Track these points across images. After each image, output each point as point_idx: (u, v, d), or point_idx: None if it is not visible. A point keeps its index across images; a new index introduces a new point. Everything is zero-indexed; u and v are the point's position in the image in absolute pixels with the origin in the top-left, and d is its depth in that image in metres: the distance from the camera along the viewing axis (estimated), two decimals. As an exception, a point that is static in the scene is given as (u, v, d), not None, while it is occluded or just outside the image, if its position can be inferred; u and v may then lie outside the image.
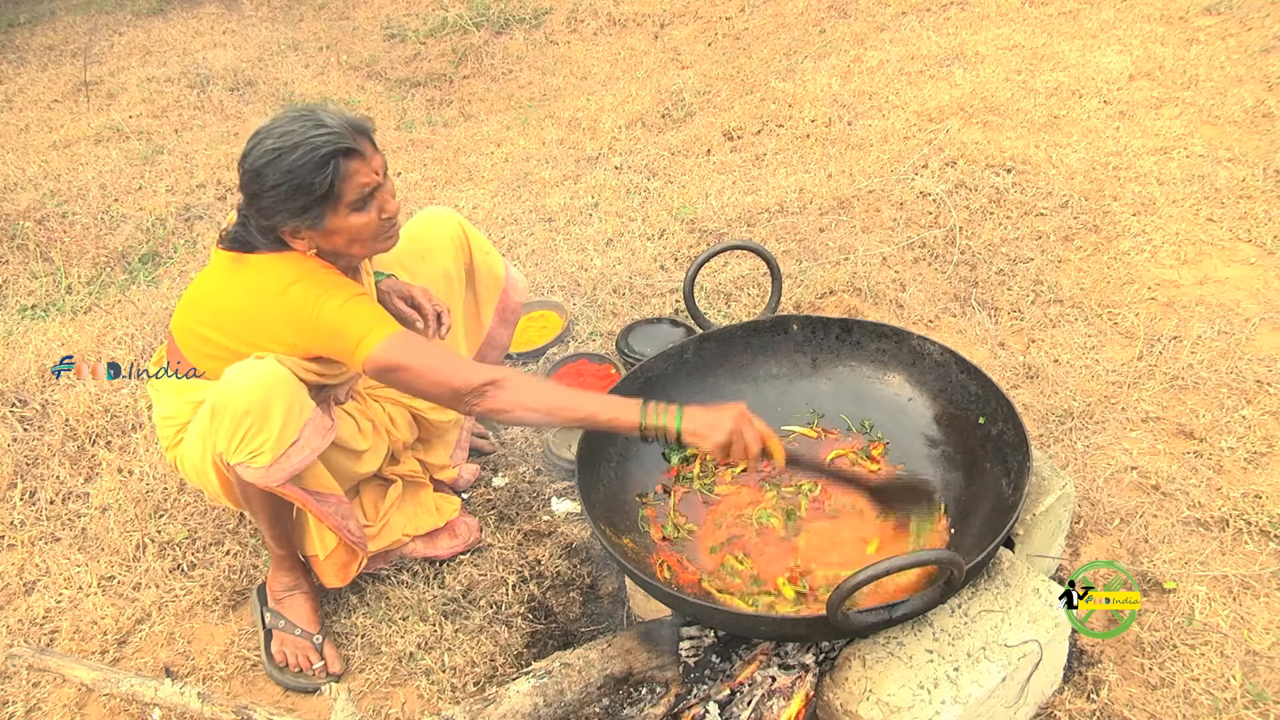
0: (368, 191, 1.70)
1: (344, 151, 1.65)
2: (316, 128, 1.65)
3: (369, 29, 5.79)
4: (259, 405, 1.66)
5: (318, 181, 1.64)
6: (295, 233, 1.71)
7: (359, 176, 1.68)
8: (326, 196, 1.66)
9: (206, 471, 1.83)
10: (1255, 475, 2.19)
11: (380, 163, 1.74)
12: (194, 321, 1.82)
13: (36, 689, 2.00)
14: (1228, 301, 2.71)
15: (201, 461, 1.82)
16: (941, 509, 1.80)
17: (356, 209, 1.70)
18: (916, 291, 2.89)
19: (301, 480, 1.82)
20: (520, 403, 1.66)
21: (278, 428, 1.69)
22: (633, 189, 3.64)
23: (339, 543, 1.99)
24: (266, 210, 1.68)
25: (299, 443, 1.73)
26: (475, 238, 2.25)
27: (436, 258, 2.15)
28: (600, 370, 2.66)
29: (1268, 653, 1.82)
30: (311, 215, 1.68)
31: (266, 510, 1.88)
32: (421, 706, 1.91)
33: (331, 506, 1.90)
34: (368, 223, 1.72)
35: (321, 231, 1.71)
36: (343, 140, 1.66)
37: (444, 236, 2.17)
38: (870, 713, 1.51)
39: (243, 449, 1.70)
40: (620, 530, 1.81)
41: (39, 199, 3.91)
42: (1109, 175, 3.31)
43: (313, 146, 1.63)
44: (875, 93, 4.07)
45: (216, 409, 1.68)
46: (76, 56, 5.67)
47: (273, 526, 1.93)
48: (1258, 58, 3.96)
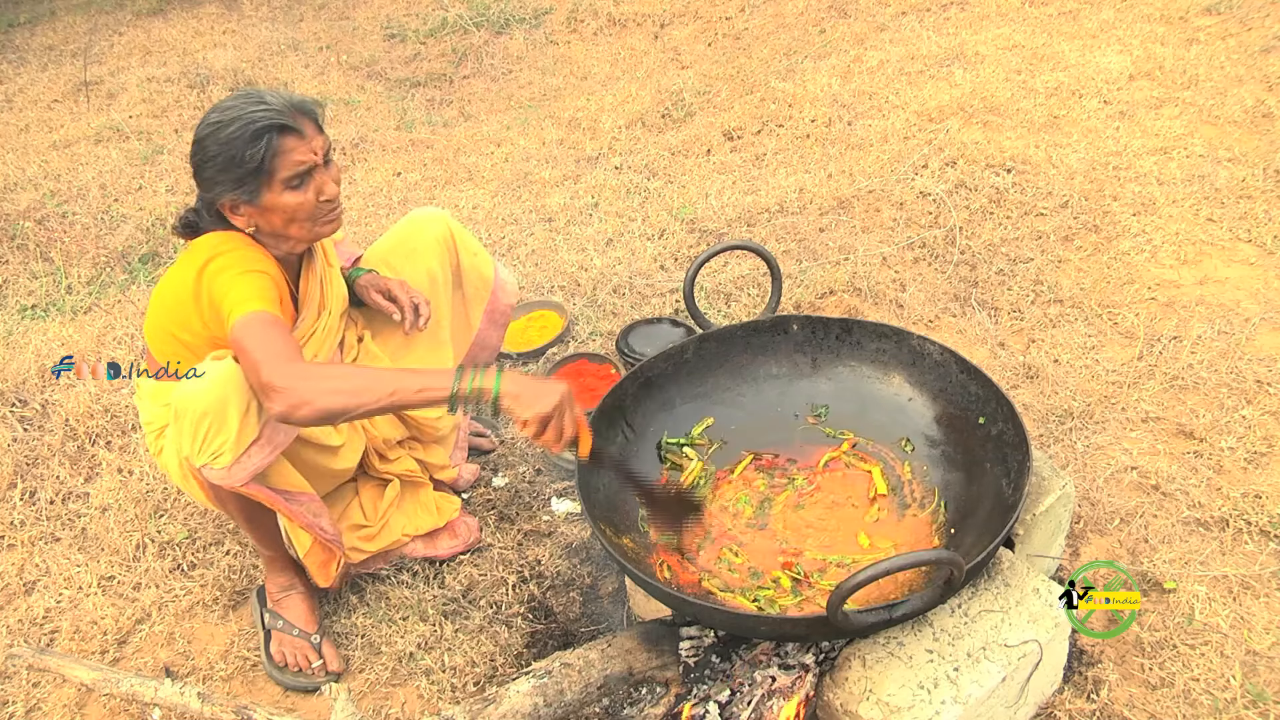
0: (303, 170, 1.72)
1: (279, 128, 1.69)
2: (257, 104, 1.69)
3: (369, 29, 5.79)
4: (216, 405, 1.65)
5: (250, 155, 1.67)
6: (234, 207, 1.74)
7: (294, 154, 1.70)
8: (259, 171, 1.69)
9: (187, 478, 1.82)
10: (1255, 475, 2.19)
11: (322, 144, 1.76)
12: (155, 317, 1.84)
13: (37, 689, 2.00)
14: (1228, 301, 2.71)
15: (179, 465, 1.81)
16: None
17: (292, 186, 1.72)
18: (916, 291, 2.89)
19: (268, 479, 1.79)
20: (310, 400, 1.56)
21: (236, 426, 1.67)
22: (633, 189, 3.64)
23: (314, 542, 1.96)
24: (207, 182, 1.72)
25: (260, 440, 1.71)
26: (463, 239, 2.22)
27: (422, 258, 2.14)
28: (600, 370, 2.66)
29: (1268, 653, 1.82)
30: (247, 189, 1.70)
31: (242, 513, 1.87)
32: (421, 706, 1.91)
33: (301, 505, 1.87)
34: (303, 202, 1.74)
35: (258, 207, 1.73)
36: (280, 117, 1.69)
37: (431, 238, 2.15)
38: (870, 713, 1.51)
39: (205, 451, 1.68)
40: (620, 530, 1.81)
41: (39, 199, 3.91)
42: (1109, 175, 3.31)
43: (249, 121, 1.67)
44: (875, 93, 4.07)
45: (178, 412, 1.67)
46: (76, 56, 5.67)
47: (253, 529, 1.92)
48: (1258, 58, 3.96)
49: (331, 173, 1.78)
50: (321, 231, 1.81)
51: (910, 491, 1.86)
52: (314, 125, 1.75)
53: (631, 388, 1.99)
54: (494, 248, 3.36)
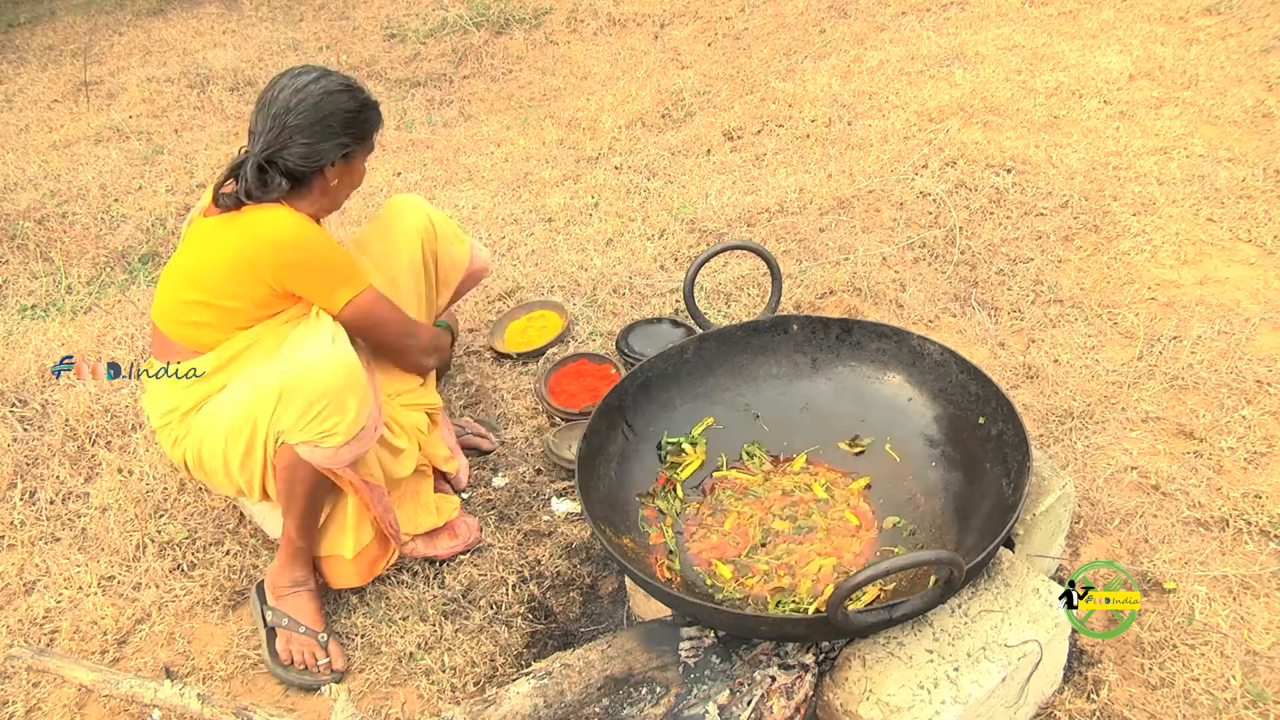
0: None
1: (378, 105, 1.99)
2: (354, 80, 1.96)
3: (369, 29, 5.79)
4: (338, 389, 1.75)
5: (377, 120, 1.97)
6: (334, 164, 1.91)
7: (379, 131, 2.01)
8: (369, 134, 1.96)
9: (252, 453, 1.86)
10: (1255, 475, 2.19)
11: None
12: (175, 293, 1.93)
13: (36, 689, 2.00)
14: (1228, 301, 2.71)
15: (230, 446, 1.86)
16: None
17: (364, 159, 2.00)
18: (916, 291, 2.89)
19: (357, 468, 1.89)
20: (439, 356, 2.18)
21: (352, 412, 1.78)
22: (633, 189, 3.64)
23: (373, 538, 2.03)
24: (329, 132, 1.87)
25: (367, 429, 1.83)
26: (442, 227, 2.31)
27: (402, 249, 2.21)
28: (600, 370, 2.66)
29: (1268, 653, 1.82)
30: (353, 150, 1.93)
31: (307, 499, 1.90)
32: (421, 706, 1.91)
33: (378, 497, 1.96)
34: (361, 176, 2.02)
35: (349, 167, 1.96)
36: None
37: (410, 226, 2.23)
38: (870, 713, 1.51)
39: (313, 429, 1.76)
40: (620, 530, 1.81)
41: (39, 199, 3.91)
42: (1109, 175, 3.31)
43: (367, 92, 1.96)
44: (875, 93, 4.07)
45: (288, 389, 1.75)
46: (76, 56, 5.67)
47: (307, 516, 1.95)
48: (1258, 58, 3.96)
49: None
50: (339, 206, 2.04)
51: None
52: None
53: (631, 388, 1.99)
54: (494, 248, 3.36)
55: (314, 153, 1.87)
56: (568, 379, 2.64)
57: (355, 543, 2.01)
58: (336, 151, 1.89)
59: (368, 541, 2.03)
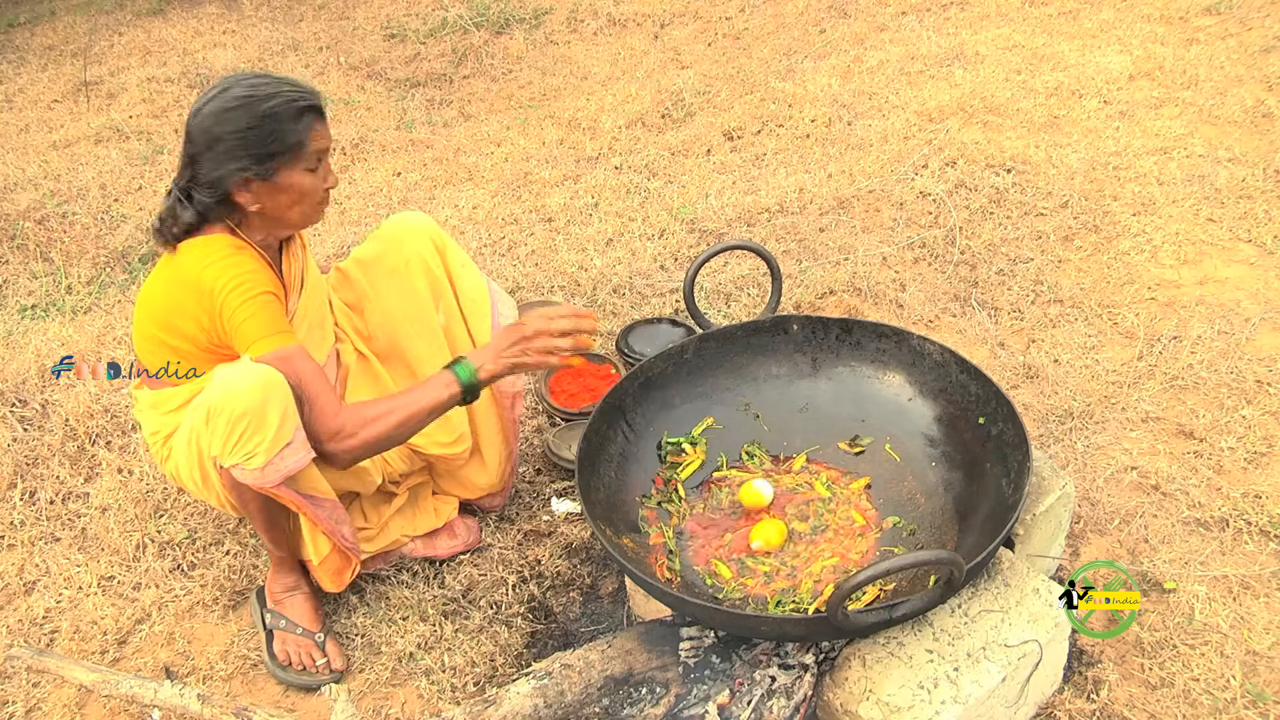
0: (323, 152, 1.79)
1: (315, 109, 1.75)
2: (289, 84, 1.74)
3: (369, 29, 5.78)
4: (256, 406, 1.65)
5: (290, 130, 1.71)
6: (246, 185, 1.74)
7: (322, 137, 1.77)
8: (292, 148, 1.73)
9: (208, 476, 1.82)
10: (1255, 475, 2.19)
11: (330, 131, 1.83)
12: (141, 325, 1.87)
13: (36, 689, 2.00)
14: (1228, 301, 2.71)
15: (193, 469, 1.82)
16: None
17: (309, 169, 1.77)
18: (916, 291, 2.89)
19: (296, 483, 1.79)
20: (363, 439, 1.72)
21: (273, 429, 1.67)
22: (633, 189, 3.64)
23: (332, 548, 1.96)
24: (224, 156, 1.71)
25: (292, 444, 1.71)
26: (452, 253, 2.12)
27: (406, 277, 2.06)
28: (600, 370, 2.66)
29: (1268, 653, 1.82)
30: (269, 166, 1.72)
31: (263, 514, 1.87)
32: (421, 706, 1.91)
33: (326, 511, 1.87)
34: (314, 186, 1.79)
35: (272, 184, 1.74)
36: (314, 99, 1.76)
37: (412, 252, 2.06)
38: (870, 713, 1.51)
39: (238, 451, 1.68)
40: (620, 530, 1.81)
41: (39, 199, 3.91)
42: (1109, 175, 3.31)
43: (290, 98, 1.72)
44: (875, 93, 4.07)
45: (212, 411, 1.67)
46: (76, 56, 5.66)
47: (269, 530, 1.92)
48: (1258, 58, 3.96)
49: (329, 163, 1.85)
50: (313, 219, 1.85)
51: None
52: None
53: (631, 388, 1.99)
54: (494, 247, 3.36)
55: (213, 180, 1.72)
56: (568, 379, 2.64)
57: (316, 552, 1.95)
58: (236, 175, 1.71)
59: (327, 551, 1.95)
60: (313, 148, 1.75)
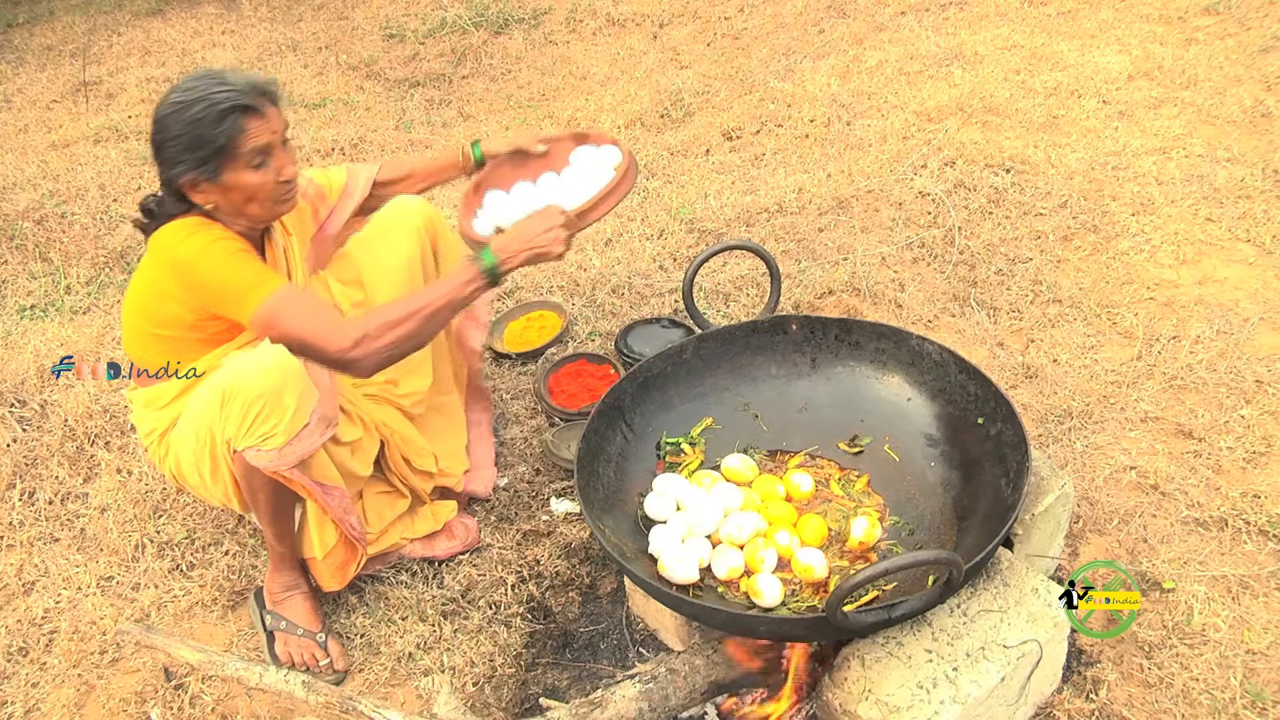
0: (265, 149, 1.77)
1: (242, 108, 1.73)
2: (219, 85, 1.74)
3: (368, 29, 5.78)
4: (273, 389, 1.69)
5: (215, 134, 1.72)
6: (195, 185, 1.77)
7: (256, 134, 1.75)
8: (224, 150, 1.73)
9: (218, 464, 1.83)
10: (1254, 475, 2.19)
11: (280, 124, 1.81)
12: (133, 322, 1.89)
13: (35, 689, 2.00)
14: (1227, 301, 2.72)
15: (200, 459, 1.83)
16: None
17: (253, 166, 1.76)
18: (915, 291, 2.89)
19: (309, 470, 1.83)
20: (389, 340, 1.75)
21: (290, 410, 1.71)
22: (632, 189, 3.63)
23: (338, 541, 1.98)
24: (169, 160, 1.75)
25: (310, 426, 1.75)
26: (444, 229, 2.27)
27: (397, 244, 2.17)
28: (600, 370, 2.66)
29: (1267, 652, 1.82)
30: (210, 168, 1.74)
31: (270, 504, 1.88)
32: (421, 706, 1.91)
33: (335, 499, 1.90)
34: (264, 182, 1.78)
35: (219, 185, 1.77)
36: (242, 97, 1.73)
37: (409, 225, 2.19)
38: (869, 713, 1.51)
39: (254, 433, 1.71)
40: (620, 530, 1.81)
41: (38, 199, 3.90)
42: (1108, 175, 3.31)
43: (213, 101, 1.72)
44: (874, 93, 4.07)
45: (227, 395, 1.70)
46: (75, 56, 5.66)
47: (275, 523, 1.93)
48: (1256, 58, 3.96)
49: (289, 154, 1.83)
50: (279, 211, 1.86)
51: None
52: (273, 105, 1.80)
53: (630, 388, 1.99)
54: (493, 248, 3.36)
55: (167, 180, 1.78)
56: (567, 379, 2.64)
57: (321, 545, 1.98)
58: (182, 176, 1.75)
59: (333, 543, 1.98)
60: (247, 148, 1.74)
